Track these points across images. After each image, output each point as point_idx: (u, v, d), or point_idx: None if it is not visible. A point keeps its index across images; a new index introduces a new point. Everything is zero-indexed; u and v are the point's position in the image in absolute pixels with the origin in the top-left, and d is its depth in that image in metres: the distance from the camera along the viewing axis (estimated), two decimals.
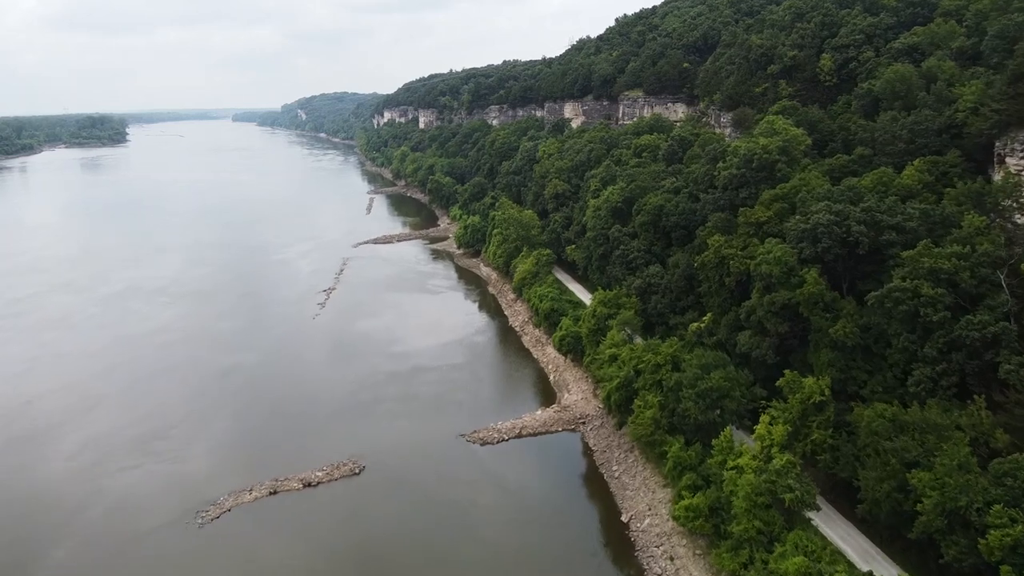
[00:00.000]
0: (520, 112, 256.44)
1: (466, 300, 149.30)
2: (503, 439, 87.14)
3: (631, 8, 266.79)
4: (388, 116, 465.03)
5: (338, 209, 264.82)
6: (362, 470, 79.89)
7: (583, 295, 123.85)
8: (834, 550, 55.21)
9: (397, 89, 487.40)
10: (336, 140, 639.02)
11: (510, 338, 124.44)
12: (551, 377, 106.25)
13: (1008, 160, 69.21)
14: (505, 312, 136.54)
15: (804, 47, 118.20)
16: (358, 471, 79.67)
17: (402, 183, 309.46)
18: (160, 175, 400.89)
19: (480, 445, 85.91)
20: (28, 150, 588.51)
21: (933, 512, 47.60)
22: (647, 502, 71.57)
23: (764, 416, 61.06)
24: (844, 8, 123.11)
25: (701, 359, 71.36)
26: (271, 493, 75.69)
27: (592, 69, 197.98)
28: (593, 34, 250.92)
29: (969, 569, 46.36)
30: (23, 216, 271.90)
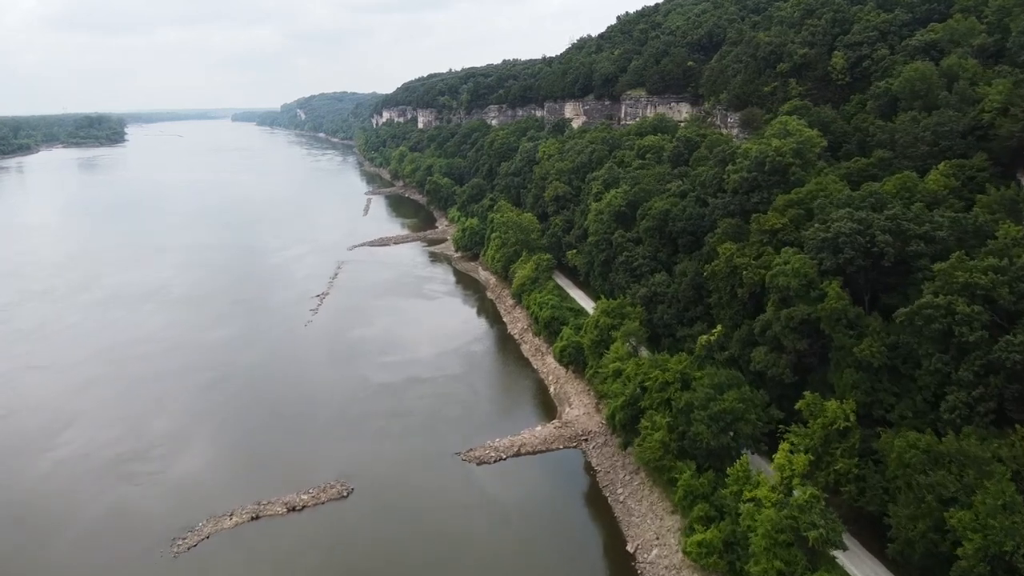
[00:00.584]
0: (520, 112, 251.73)
1: (464, 306, 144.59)
2: (501, 458, 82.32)
3: (632, 7, 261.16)
4: (387, 116, 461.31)
5: (336, 210, 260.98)
6: (350, 493, 75.24)
7: (585, 302, 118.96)
8: None
9: (396, 89, 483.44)
10: (335, 140, 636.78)
11: (509, 347, 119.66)
12: (551, 389, 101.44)
13: None
14: (504, 319, 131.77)
15: (815, 45, 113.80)
16: (346, 494, 75.00)
17: (400, 183, 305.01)
18: (158, 175, 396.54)
19: (476, 464, 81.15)
20: (25, 150, 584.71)
21: (975, 557, 42.98)
22: (654, 530, 66.78)
23: (784, 444, 56.13)
24: (856, 4, 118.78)
25: (713, 378, 66.38)
26: (253, 518, 71.15)
27: (593, 68, 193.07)
28: (594, 34, 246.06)
29: None
30: (13, 218, 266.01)
